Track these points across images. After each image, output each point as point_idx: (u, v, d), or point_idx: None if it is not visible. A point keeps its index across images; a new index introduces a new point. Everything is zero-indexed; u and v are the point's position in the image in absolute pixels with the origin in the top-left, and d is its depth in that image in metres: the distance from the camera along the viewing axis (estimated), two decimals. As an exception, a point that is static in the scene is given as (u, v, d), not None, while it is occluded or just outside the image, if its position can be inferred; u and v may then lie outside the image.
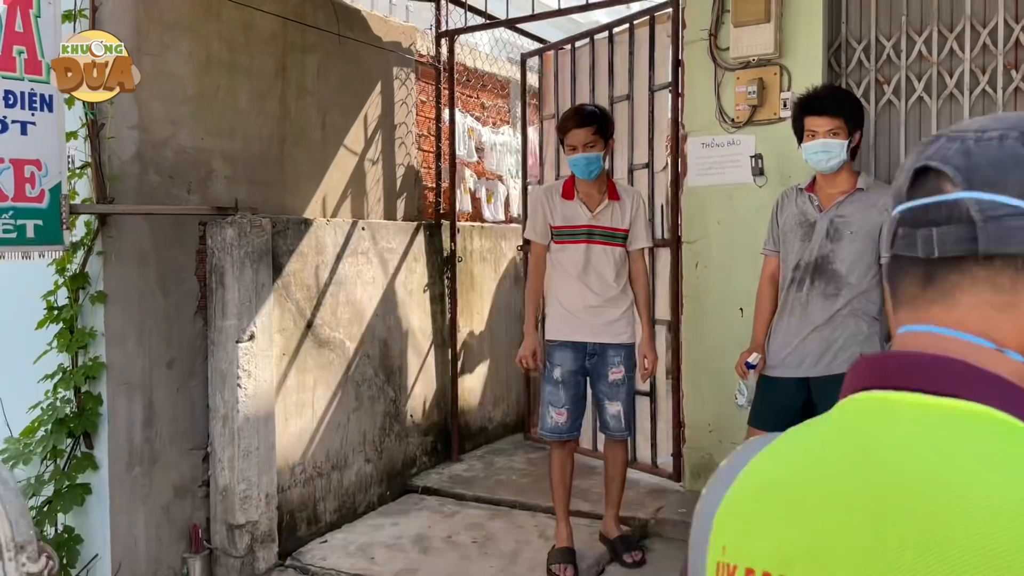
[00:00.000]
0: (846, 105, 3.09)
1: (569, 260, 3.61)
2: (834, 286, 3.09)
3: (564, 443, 3.68)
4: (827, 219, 3.12)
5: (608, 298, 3.59)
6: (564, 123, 3.56)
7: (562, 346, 3.63)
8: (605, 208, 3.59)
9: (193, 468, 3.82)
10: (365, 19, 4.90)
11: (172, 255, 3.72)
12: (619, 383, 3.62)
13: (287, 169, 4.33)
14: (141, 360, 3.59)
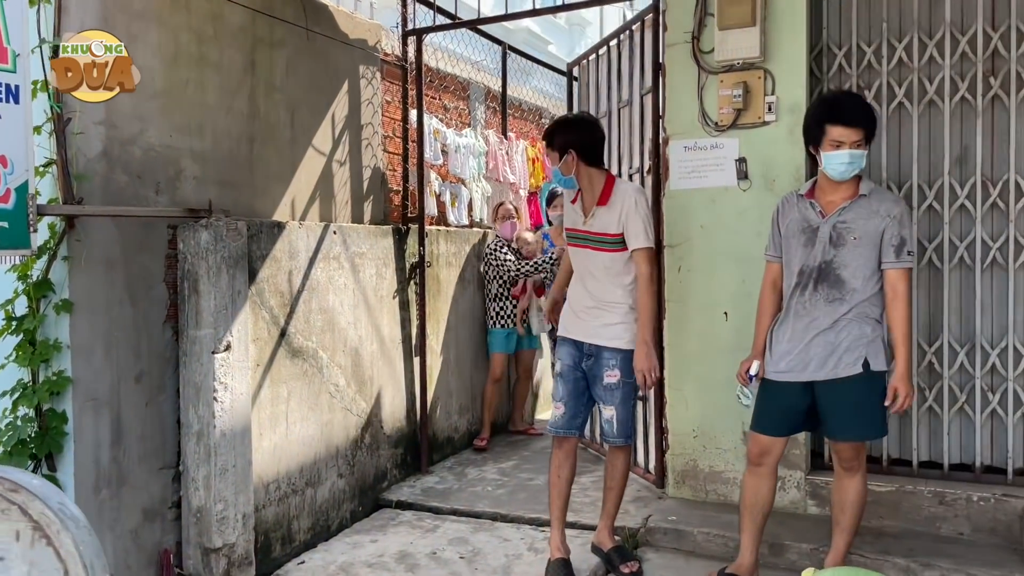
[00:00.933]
0: (870, 114, 3.10)
1: (575, 262, 3.67)
2: (838, 291, 3.08)
3: (563, 442, 3.58)
4: (829, 225, 3.11)
5: (603, 301, 3.52)
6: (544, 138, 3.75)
7: (564, 341, 3.63)
8: (595, 214, 3.53)
9: (163, 489, 3.56)
10: (332, 14, 4.71)
11: (140, 260, 3.47)
12: (614, 387, 3.52)
13: (256, 170, 4.11)
14: (109, 374, 3.33)
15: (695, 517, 4.03)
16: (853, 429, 3.11)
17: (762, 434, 3.28)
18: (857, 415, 3.09)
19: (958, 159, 3.91)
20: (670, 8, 4.26)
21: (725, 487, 4.22)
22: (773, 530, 3.82)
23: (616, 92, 5.07)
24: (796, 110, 3.98)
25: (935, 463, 3.99)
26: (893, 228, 3.05)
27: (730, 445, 4.21)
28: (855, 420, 3.10)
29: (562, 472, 3.58)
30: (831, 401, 3.14)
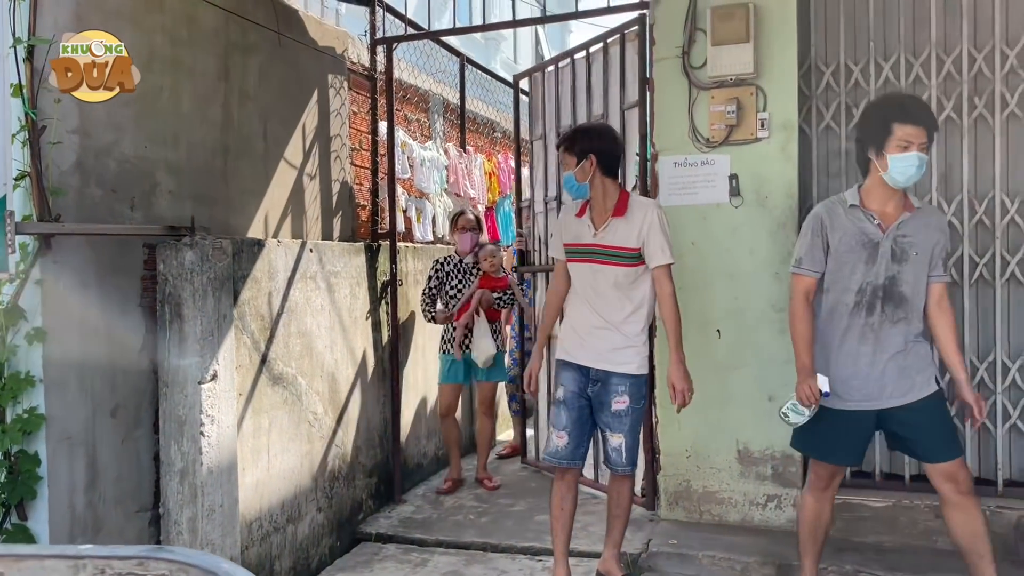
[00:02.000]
0: (933, 119, 2.95)
1: (577, 279, 3.46)
2: (903, 310, 2.95)
3: (564, 473, 3.43)
4: (891, 239, 2.94)
5: (613, 322, 3.36)
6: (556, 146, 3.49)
7: (567, 366, 3.43)
8: (609, 226, 3.36)
9: (140, 533, 3.25)
10: (302, 20, 4.46)
11: (116, 282, 3.16)
12: (622, 414, 3.38)
13: (231, 183, 3.83)
14: (83, 409, 3.01)
15: (695, 540, 3.94)
16: (952, 446, 2.95)
17: (824, 462, 3.11)
18: (948, 431, 2.98)
19: (943, 177, 3.98)
20: (658, 23, 4.20)
21: (720, 507, 4.15)
22: (777, 550, 3.78)
23: (585, 106, 4.93)
24: (788, 127, 3.98)
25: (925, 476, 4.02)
26: (943, 241, 2.99)
27: (724, 464, 4.15)
28: (950, 436, 2.97)
29: (565, 504, 3.44)
30: (916, 425, 2.97)
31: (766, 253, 4.03)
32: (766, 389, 4.05)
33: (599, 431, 3.50)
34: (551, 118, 5.23)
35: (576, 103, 4.99)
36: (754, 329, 4.07)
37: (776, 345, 4.02)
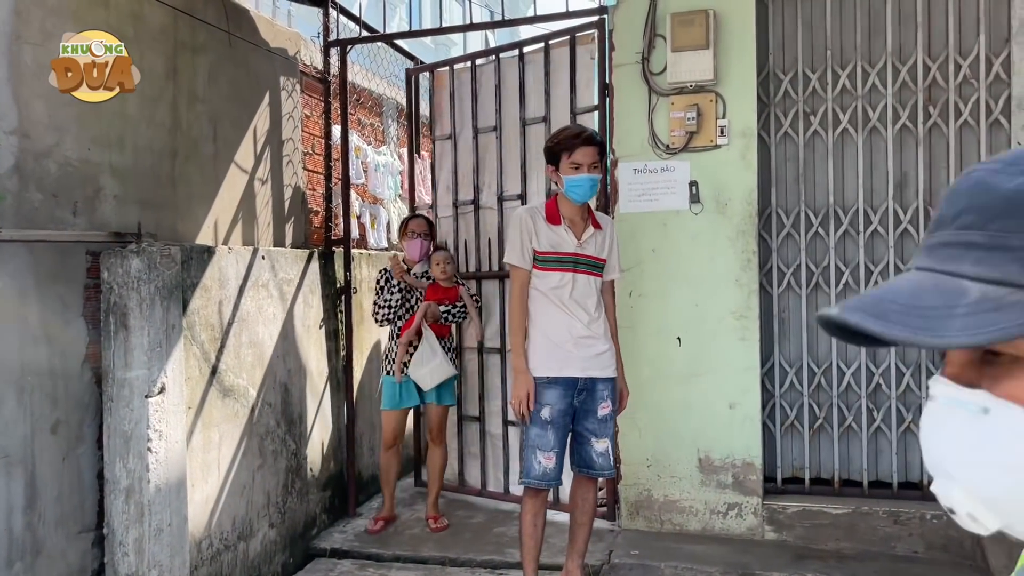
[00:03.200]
0: None
1: (552, 288, 3.30)
2: None
3: (540, 492, 3.36)
4: None
5: (595, 329, 3.34)
6: (570, 140, 3.24)
7: (551, 383, 3.28)
8: (591, 236, 3.35)
9: (82, 556, 3.08)
10: (253, 20, 4.33)
11: (56, 291, 2.99)
12: (608, 418, 3.38)
13: (179, 188, 3.68)
14: (21, 426, 2.84)
15: (657, 550, 3.91)
16: None
17: None
18: None
19: (899, 184, 4.02)
20: (618, 29, 4.17)
21: (681, 516, 4.13)
22: (739, 559, 3.77)
23: (518, 108, 4.71)
24: (748, 134, 3.98)
25: (883, 482, 4.06)
26: None
27: (685, 473, 4.12)
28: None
29: (538, 521, 3.37)
30: None
31: (726, 260, 4.03)
32: (726, 397, 4.04)
33: (579, 438, 3.40)
34: (465, 117, 4.93)
35: (503, 104, 4.74)
36: (714, 336, 4.06)
37: (736, 352, 4.02)
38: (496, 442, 4.86)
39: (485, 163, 4.88)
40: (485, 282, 4.87)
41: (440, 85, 5.14)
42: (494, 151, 4.80)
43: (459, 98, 4.99)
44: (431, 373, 4.32)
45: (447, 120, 5.07)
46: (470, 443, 4.99)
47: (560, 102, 4.53)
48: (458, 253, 4.94)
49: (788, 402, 4.18)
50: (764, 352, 4.09)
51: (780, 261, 4.17)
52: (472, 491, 4.95)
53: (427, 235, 4.57)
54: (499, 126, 4.79)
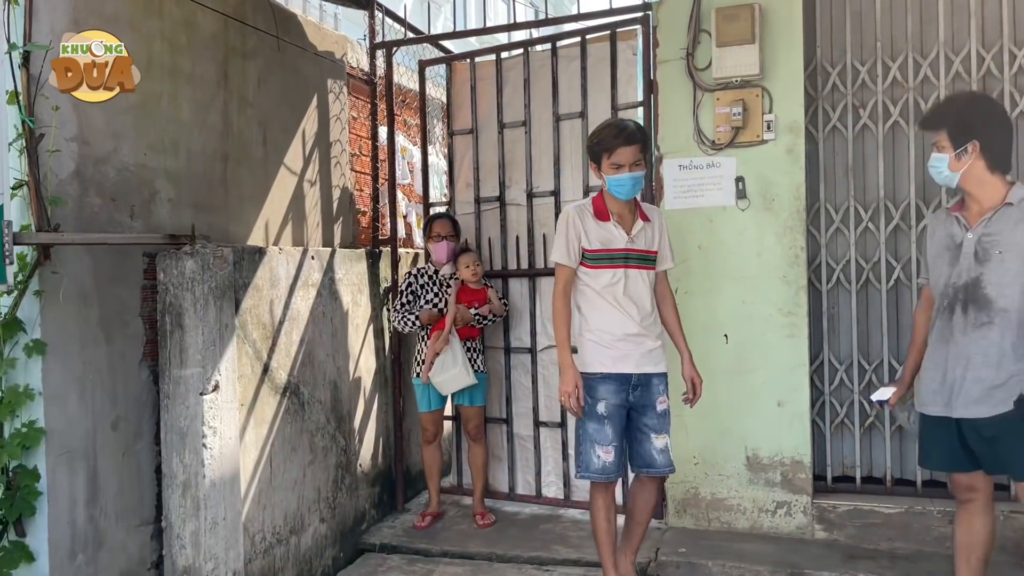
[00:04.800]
0: (948, 116, 2.83)
1: (604, 286, 3.30)
2: (986, 314, 2.74)
3: (608, 486, 3.37)
4: (975, 239, 2.78)
5: (647, 325, 3.33)
6: (609, 141, 3.23)
7: (605, 379, 3.29)
8: (640, 230, 3.34)
9: (141, 548, 3.19)
10: (301, 24, 4.41)
11: (115, 292, 3.10)
12: (665, 413, 3.37)
13: (230, 191, 3.78)
14: (83, 422, 2.95)
15: (704, 548, 3.89)
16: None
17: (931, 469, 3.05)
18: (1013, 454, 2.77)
19: (952, 178, 3.93)
20: (662, 24, 4.15)
21: (728, 514, 4.10)
22: (788, 558, 3.73)
23: (550, 102, 4.65)
24: (795, 128, 3.94)
25: (938, 482, 3.97)
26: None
27: (732, 471, 4.10)
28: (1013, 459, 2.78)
29: (609, 515, 3.39)
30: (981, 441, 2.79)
31: (773, 256, 3.99)
32: (774, 394, 4.00)
33: (638, 436, 3.39)
34: (489, 111, 4.83)
35: (532, 98, 4.70)
36: (762, 333, 4.02)
37: (784, 349, 3.97)
38: (526, 444, 4.78)
39: (513, 158, 4.80)
40: (512, 280, 4.80)
41: (460, 78, 5.01)
42: (522, 146, 4.75)
43: (481, 91, 4.89)
44: (449, 381, 4.35)
45: (467, 114, 4.96)
46: (495, 446, 4.88)
47: (599, 98, 4.51)
48: (480, 251, 4.85)
49: (838, 400, 4.12)
50: (813, 349, 4.04)
51: (829, 257, 4.11)
52: (499, 495, 4.83)
53: (452, 236, 4.54)
54: (528, 121, 4.73)
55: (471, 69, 4.91)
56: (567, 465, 4.64)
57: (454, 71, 5.04)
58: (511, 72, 4.81)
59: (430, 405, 4.50)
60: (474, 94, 4.90)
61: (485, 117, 4.89)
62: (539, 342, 4.71)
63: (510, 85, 4.80)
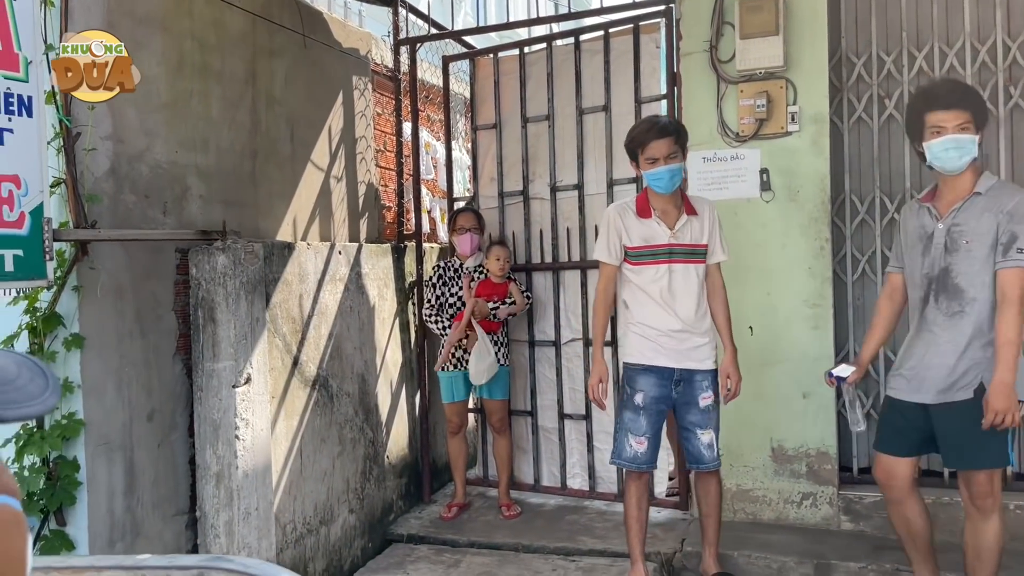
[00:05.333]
0: (972, 98, 2.83)
1: (649, 282, 3.32)
2: (958, 303, 2.80)
3: (641, 476, 3.41)
4: (944, 229, 2.83)
5: (692, 322, 3.34)
6: (642, 136, 3.26)
7: (645, 371, 3.33)
8: (684, 224, 3.33)
9: (177, 537, 3.26)
10: (327, 22, 4.46)
11: (149, 287, 3.17)
12: (710, 408, 3.39)
13: (260, 187, 3.84)
14: (120, 414, 3.02)
15: (730, 539, 3.89)
16: (972, 456, 2.84)
17: (886, 455, 3.03)
18: (972, 441, 2.81)
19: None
20: (685, 17, 4.16)
21: (754, 506, 4.11)
22: (814, 548, 3.74)
23: (573, 96, 4.66)
24: (819, 120, 3.93)
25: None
26: (1004, 224, 2.71)
27: (758, 463, 4.11)
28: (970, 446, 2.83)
29: (642, 505, 3.43)
30: (944, 427, 2.86)
31: (798, 248, 3.99)
32: (800, 386, 4.00)
33: (685, 432, 3.44)
34: (513, 106, 4.85)
35: (555, 92, 4.70)
36: (787, 325, 4.02)
37: (809, 341, 3.97)
38: (551, 436, 4.82)
39: (536, 153, 4.82)
40: (536, 274, 4.83)
41: (483, 73, 5.04)
42: (546, 140, 4.77)
43: (504, 86, 4.90)
44: (484, 371, 4.37)
45: (490, 108, 4.98)
46: (520, 438, 4.92)
47: (622, 91, 4.52)
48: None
49: (864, 391, 4.12)
50: (838, 341, 4.04)
51: (854, 248, 4.10)
52: (524, 487, 4.86)
53: (477, 229, 4.58)
54: (551, 115, 4.74)
55: (494, 64, 4.93)
56: (592, 457, 4.67)
57: (477, 66, 5.08)
58: (534, 67, 4.84)
59: (453, 396, 4.57)
60: (497, 89, 4.93)
61: (508, 112, 4.92)
62: (563, 335, 4.74)
63: (533, 79, 4.83)
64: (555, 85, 4.73)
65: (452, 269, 4.60)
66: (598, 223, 4.60)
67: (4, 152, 2.41)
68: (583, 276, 4.65)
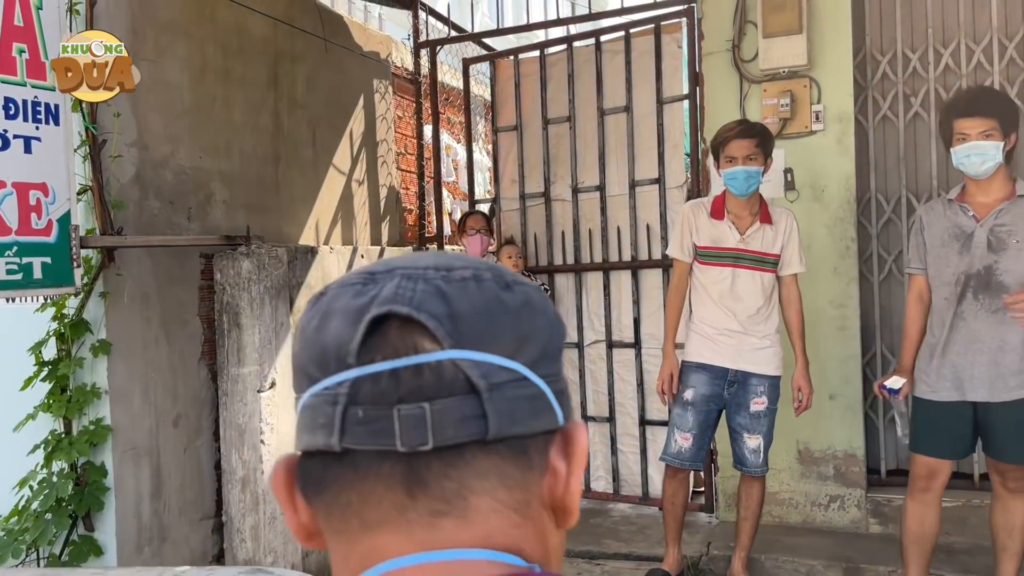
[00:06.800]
0: (999, 105, 2.82)
1: (712, 283, 3.31)
2: (1000, 299, 2.76)
3: (678, 471, 3.40)
4: (986, 229, 2.80)
5: (750, 325, 3.30)
6: (724, 134, 3.24)
7: (699, 368, 3.32)
8: (756, 231, 3.28)
9: (203, 541, 3.27)
10: (347, 26, 4.47)
11: (174, 293, 3.18)
12: (761, 415, 3.34)
13: (282, 191, 3.85)
14: (147, 420, 3.03)
15: (756, 542, 3.84)
16: (1017, 451, 2.84)
17: (928, 456, 2.98)
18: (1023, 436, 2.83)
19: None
20: (707, 16, 4.13)
21: (780, 508, 4.07)
22: (842, 552, 3.70)
23: (594, 97, 4.61)
24: (844, 118, 3.89)
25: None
26: None
27: (784, 465, 4.06)
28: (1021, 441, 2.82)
29: (677, 499, 3.43)
30: (1001, 424, 2.84)
31: (823, 248, 3.94)
32: (826, 387, 3.96)
33: (732, 433, 3.41)
34: (534, 107, 4.81)
35: (576, 93, 4.67)
36: (812, 326, 3.96)
37: (835, 342, 3.93)
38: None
39: (557, 154, 4.79)
40: (558, 276, 4.80)
41: (504, 75, 5.01)
42: (567, 142, 4.75)
43: (525, 88, 4.88)
44: None
45: (511, 110, 4.96)
46: None
47: (644, 91, 4.48)
48: (526, 247, 4.85)
49: (892, 393, 4.07)
50: (865, 342, 4.00)
51: (880, 248, 4.06)
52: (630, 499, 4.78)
53: (486, 230, 4.55)
54: (573, 116, 4.71)
55: (515, 66, 4.92)
56: (616, 459, 4.64)
57: (498, 68, 5.06)
58: (555, 68, 4.82)
59: None
60: (518, 91, 4.91)
61: (529, 113, 4.90)
62: (586, 337, 4.72)
63: (554, 81, 4.81)
64: (576, 86, 4.71)
65: None
66: (620, 224, 4.60)
67: (32, 160, 2.43)
68: (605, 277, 4.62)
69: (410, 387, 0.48)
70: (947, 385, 2.90)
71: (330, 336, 0.50)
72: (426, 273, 0.51)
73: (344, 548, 0.51)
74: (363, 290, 0.51)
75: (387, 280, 0.51)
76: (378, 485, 0.49)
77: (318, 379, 0.51)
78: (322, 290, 0.54)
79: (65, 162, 2.54)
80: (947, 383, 2.90)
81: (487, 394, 0.48)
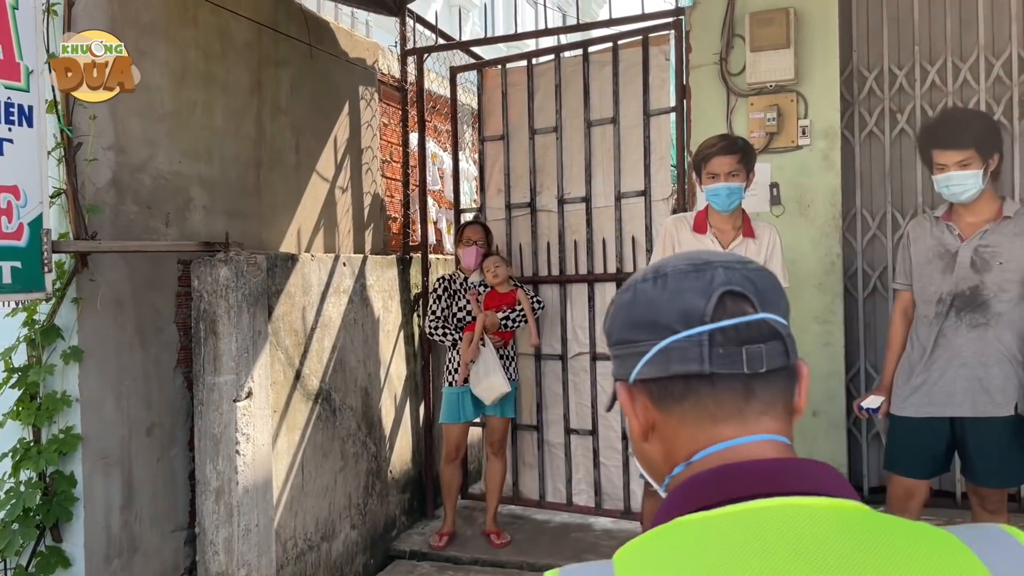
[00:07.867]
0: (975, 132, 2.79)
1: None
2: (982, 315, 2.79)
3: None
4: (970, 249, 2.81)
5: None
6: (705, 151, 3.19)
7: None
8: (739, 245, 3.25)
9: (175, 553, 3.20)
10: (333, 32, 4.43)
11: (150, 299, 3.12)
12: None
13: (264, 198, 3.80)
14: (119, 428, 2.97)
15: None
16: (1001, 477, 2.84)
17: (901, 475, 2.96)
18: (1006, 460, 2.81)
19: (993, 183, 3.86)
20: (695, 29, 4.12)
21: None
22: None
23: (581, 108, 4.59)
24: (831, 134, 3.89)
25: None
26: None
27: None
28: (1003, 465, 2.82)
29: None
30: (979, 440, 2.83)
31: (809, 263, 3.93)
32: (810, 404, 3.94)
33: None
34: (520, 117, 4.81)
35: (563, 104, 4.65)
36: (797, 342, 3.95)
37: (820, 358, 3.91)
38: (557, 452, 4.75)
39: (544, 165, 4.76)
40: (543, 287, 4.75)
41: (490, 84, 4.98)
42: (553, 152, 4.72)
43: (512, 97, 4.85)
44: (487, 390, 4.18)
45: (498, 119, 4.92)
46: (525, 453, 4.85)
47: (631, 103, 4.46)
48: (511, 257, 4.80)
49: (875, 409, 4.05)
50: (849, 358, 3.98)
51: (865, 264, 4.05)
52: (529, 503, 4.80)
53: (484, 243, 4.43)
54: (559, 127, 4.68)
55: (502, 75, 4.89)
56: (598, 473, 4.60)
57: (485, 77, 5.03)
58: (542, 78, 4.79)
59: (459, 415, 4.26)
60: (505, 100, 4.88)
61: (516, 123, 4.87)
62: (570, 349, 4.68)
63: (541, 91, 4.78)
64: (563, 97, 4.69)
65: (457, 283, 4.42)
66: (605, 236, 4.57)
67: (3, 162, 2.37)
68: (590, 289, 4.59)
69: (749, 334, 0.76)
70: (924, 400, 2.88)
71: (687, 304, 0.78)
72: (736, 265, 0.80)
73: (692, 434, 0.78)
74: (700, 276, 0.79)
75: (713, 269, 0.79)
76: (727, 394, 0.77)
77: (678, 331, 0.77)
78: (655, 272, 0.82)
79: (38, 165, 2.48)
80: (925, 398, 2.88)
81: (788, 340, 0.78)
